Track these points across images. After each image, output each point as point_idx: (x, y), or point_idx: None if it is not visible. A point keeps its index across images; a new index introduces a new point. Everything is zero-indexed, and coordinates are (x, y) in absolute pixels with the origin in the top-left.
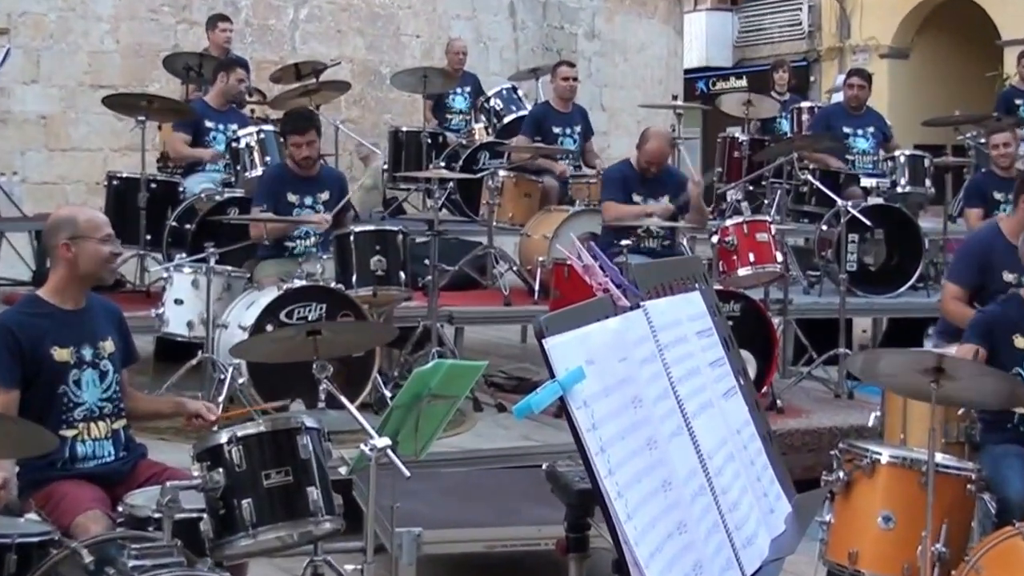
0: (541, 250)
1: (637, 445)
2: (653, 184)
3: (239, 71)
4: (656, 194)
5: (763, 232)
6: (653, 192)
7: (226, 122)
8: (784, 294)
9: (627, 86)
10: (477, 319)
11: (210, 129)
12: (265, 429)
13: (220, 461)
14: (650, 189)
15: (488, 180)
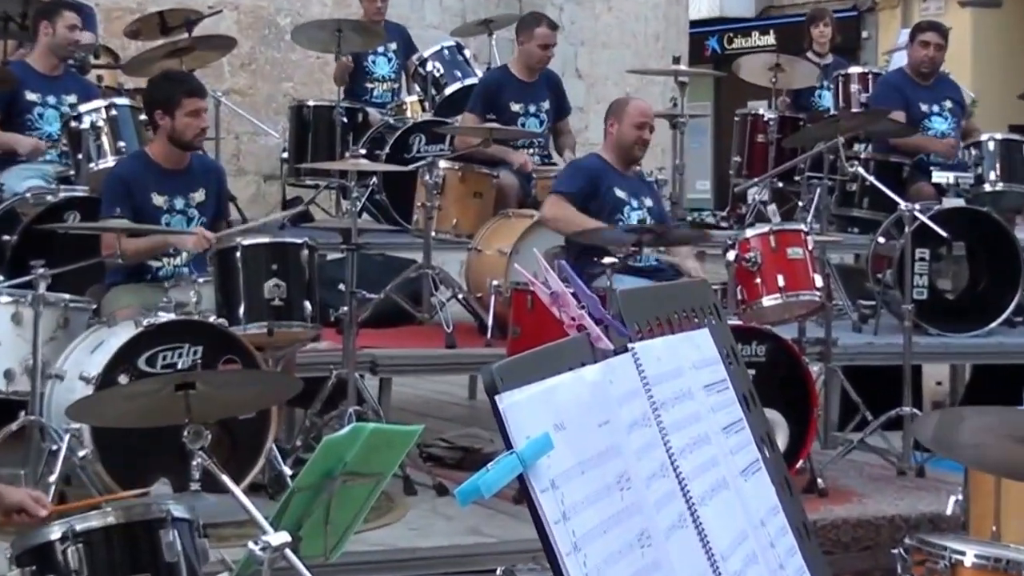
0: (496, 271)
1: (624, 542)
2: (634, 182)
3: (68, 16)
4: (640, 195)
5: (797, 246)
6: (636, 192)
7: (59, 92)
8: (826, 332)
9: (612, 45)
10: (410, 367)
11: (34, 103)
12: (115, 521)
13: (51, 566)
14: (632, 188)
15: (424, 174)
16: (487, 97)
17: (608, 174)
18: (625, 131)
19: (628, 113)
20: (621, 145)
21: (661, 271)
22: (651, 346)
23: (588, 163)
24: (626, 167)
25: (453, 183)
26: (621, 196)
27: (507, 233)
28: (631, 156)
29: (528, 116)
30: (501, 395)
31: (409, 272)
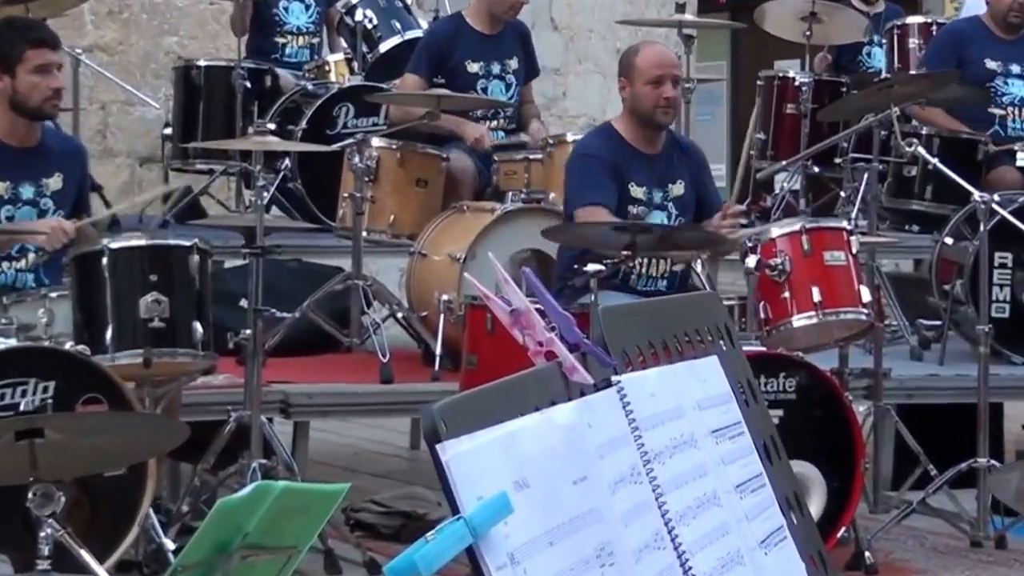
0: (446, 282)
1: None
2: (660, 163)
3: None
4: (666, 180)
5: (838, 249)
6: (661, 176)
7: None
8: (876, 361)
9: None
10: (333, 408)
11: None
12: None
13: None
14: (657, 170)
15: (352, 156)
16: (435, 55)
17: (626, 159)
18: (639, 92)
19: (637, 67)
20: (637, 112)
21: (658, 290)
22: (642, 379)
23: (600, 149)
24: (651, 141)
25: (390, 167)
26: (637, 193)
27: (460, 233)
28: (653, 124)
29: (490, 79)
30: (445, 444)
31: (333, 284)
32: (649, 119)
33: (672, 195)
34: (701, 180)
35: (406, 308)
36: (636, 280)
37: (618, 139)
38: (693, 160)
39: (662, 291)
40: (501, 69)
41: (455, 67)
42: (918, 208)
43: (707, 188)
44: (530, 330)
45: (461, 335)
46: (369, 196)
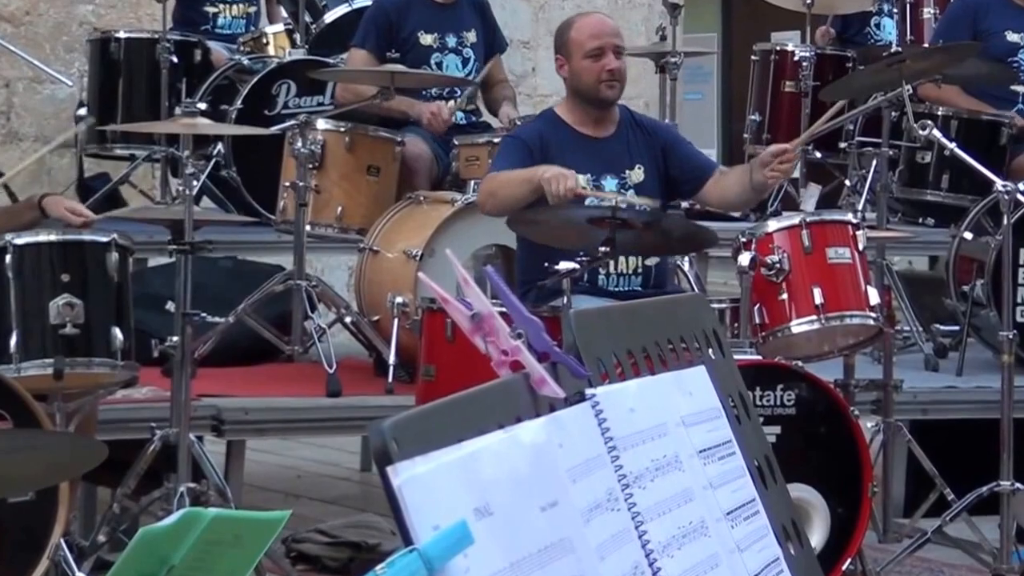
0: (400, 282)
1: None
2: (610, 147)
3: None
4: (619, 166)
5: (842, 245)
6: (612, 162)
7: None
8: (886, 371)
9: None
10: (273, 425)
11: None
12: None
13: None
14: (607, 155)
15: (295, 140)
16: (384, 26)
17: (564, 145)
18: (577, 68)
19: (573, 40)
20: (580, 90)
21: (636, 292)
22: (620, 392)
23: (529, 132)
24: (599, 123)
25: (337, 153)
26: (581, 182)
27: (416, 227)
28: (599, 101)
29: (445, 53)
30: (397, 466)
31: (272, 284)
32: (594, 96)
33: (630, 182)
34: (673, 158)
35: (355, 312)
36: (605, 279)
37: (559, 124)
38: (655, 140)
39: (637, 291)
40: (458, 42)
41: (406, 39)
42: (933, 199)
43: (687, 160)
44: (493, 337)
45: (417, 343)
46: (313, 185)
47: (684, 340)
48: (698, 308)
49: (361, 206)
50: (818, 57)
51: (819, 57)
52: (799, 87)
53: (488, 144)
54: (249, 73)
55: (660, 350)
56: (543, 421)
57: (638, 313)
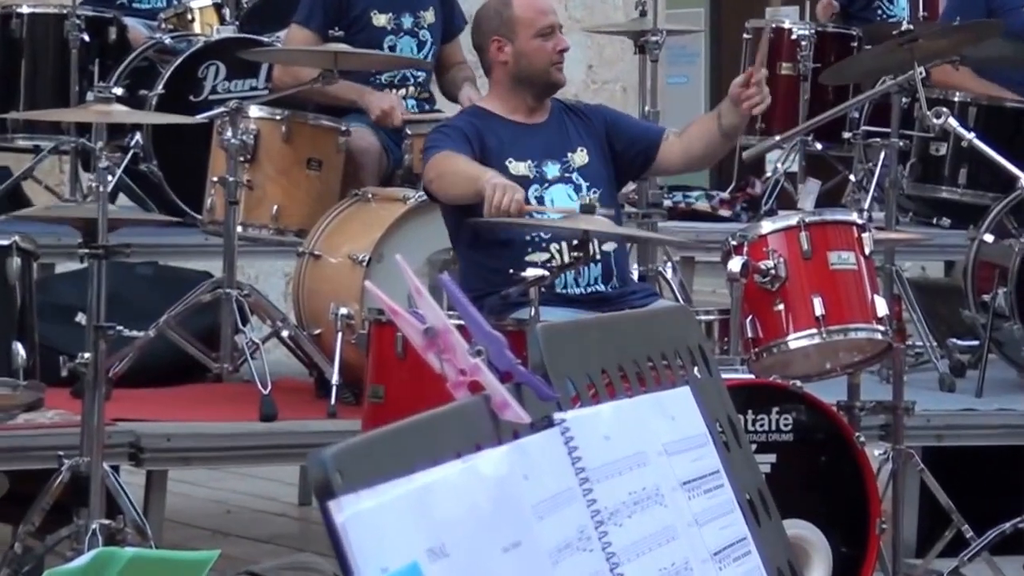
0: (345, 291)
1: None
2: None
3: None
4: (560, 150)
5: (846, 249)
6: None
7: None
8: (895, 392)
9: None
10: (199, 453)
11: None
12: None
13: None
14: (545, 139)
15: (224, 130)
16: (331, 3)
17: (499, 134)
18: (526, 48)
19: (518, 19)
20: (525, 75)
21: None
22: (594, 417)
23: (462, 122)
24: (533, 111)
25: (273, 144)
26: (520, 170)
27: (363, 228)
28: (548, 86)
29: (400, 35)
30: (340, 500)
31: (198, 294)
32: (543, 81)
33: (575, 165)
34: (616, 134)
35: (293, 325)
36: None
37: (487, 116)
38: (594, 122)
39: (601, 291)
40: (414, 23)
41: (357, 19)
42: (949, 196)
43: (630, 131)
44: (449, 355)
45: (364, 360)
46: (245, 181)
47: (666, 357)
48: (682, 321)
49: (300, 204)
50: (819, 35)
51: (820, 35)
52: (797, 69)
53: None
54: (172, 53)
55: (639, 369)
56: (506, 450)
57: (614, 327)
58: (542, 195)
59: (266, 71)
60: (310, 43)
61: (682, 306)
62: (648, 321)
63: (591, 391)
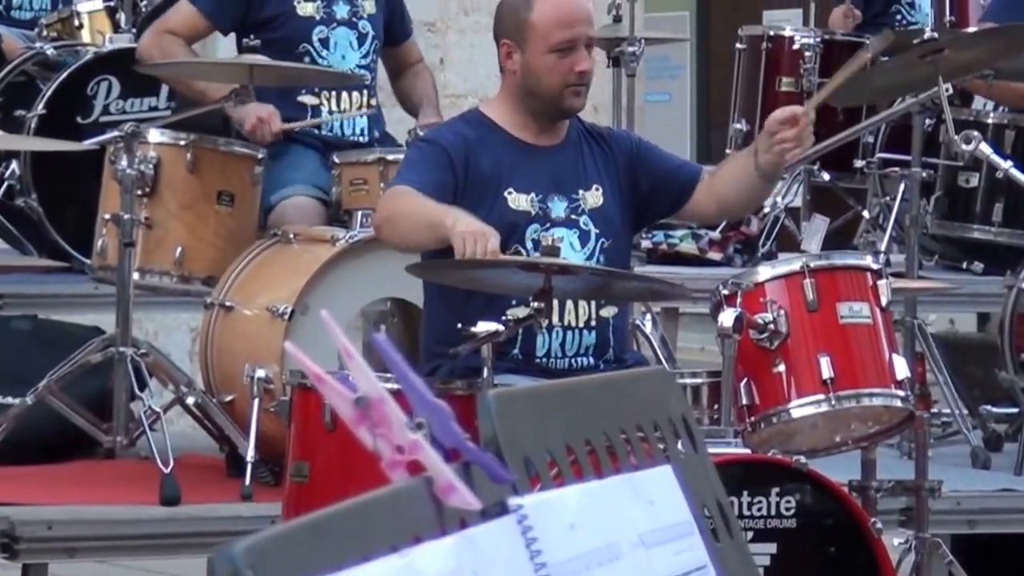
0: (262, 349)
1: None
2: (560, 159)
3: None
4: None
5: (858, 299)
6: (563, 179)
7: None
8: (918, 469)
9: None
10: (86, 542)
11: None
12: None
13: None
14: (555, 169)
15: (119, 158)
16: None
17: (498, 153)
18: (536, 64)
19: (533, 24)
20: (533, 94)
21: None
22: (556, 502)
23: (450, 134)
24: (545, 130)
25: (176, 175)
26: (520, 204)
27: (284, 274)
28: (558, 112)
29: (333, 26)
30: None
31: (87, 353)
32: (553, 104)
33: (586, 206)
34: (644, 170)
35: (200, 390)
36: (544, 342)
37: (488, 127)
38: (617, 153)
39: (593, 369)
40: (351, 11)
41: (278, 8)
42: (982, 236)
43: (662, 167)
44: (385, 428)
45: (285, 432)
46: (144, 218)
47: (643, 430)
48: (661, 386)
49: (209, 246)
50: (825, 45)
51: (827, 45)
52: (800, 85)
53: (379, 163)
54: (55, 67)
55: (610, 444)
56: (451, 542)
57: (581, 394)
58: (538, 239)
59: (168, 87)
60: (193, 28)
61: (661, 369)
62: (621, 387)
63: (553, 471)
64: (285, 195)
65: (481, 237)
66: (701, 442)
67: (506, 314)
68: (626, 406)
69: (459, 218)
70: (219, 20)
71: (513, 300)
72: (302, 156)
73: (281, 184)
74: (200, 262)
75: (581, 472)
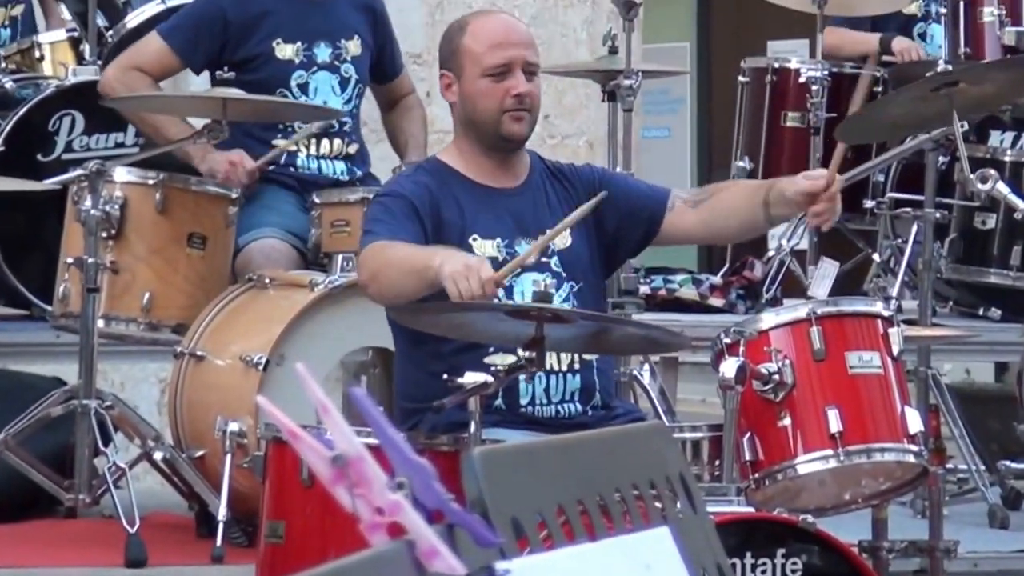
0: (235, 402)
1: None
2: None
3: None
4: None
5: (869, 348)
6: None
7: None
8: (933, 530)
9: None
10: None
11: None
12: None
13: None
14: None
15: (82, 199)
16: (216, 27)
17: (460, 201)
18: (471, 91)
19: (467, 50)
20: (472, 122)
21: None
22: (547, 567)
23: (411, 185)
24: (503, 170)
25: (145, 216)
26: (486, 250)
27: (259, 322)
28: (498, 139)
29: (314, 70)
30: None
31: (47, 405)
32: (492, 132)
33: (554, 247)
34: (610, 207)
35: (169, 445)
36: (527, 389)
37: (447, 174)
38: (579, 189)
39: (579, 418)
40: (334, 54)
41: (253, 49)
42: (1000, 281)
43: (628, 203)
44: (364, 489)
45: (259, 489)
46: (109, 263)
47: (638, 489)
48: (659, 443)
49: (179, 292)
50: (833, 78)
51: (835, 78)
52: (807, 120)
53: (363, 203)
54: (13, 101)
55: (604, 504)
56: None
57: (573, 452)
58: (511, 283)
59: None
60: (163, 66)
61: (658, 424)
62: (616, 443)
63: (543, 533)
64: (252, 237)
65: (472, 273)
66: (700, 501)
67: (495, 364)
68: (621, 464)
69: (446, 258)
70: (191, 58)
71: (491, 348)
72: (276, 197)
73: (250, 226)
74: (169, 309)
75: (573, 534)
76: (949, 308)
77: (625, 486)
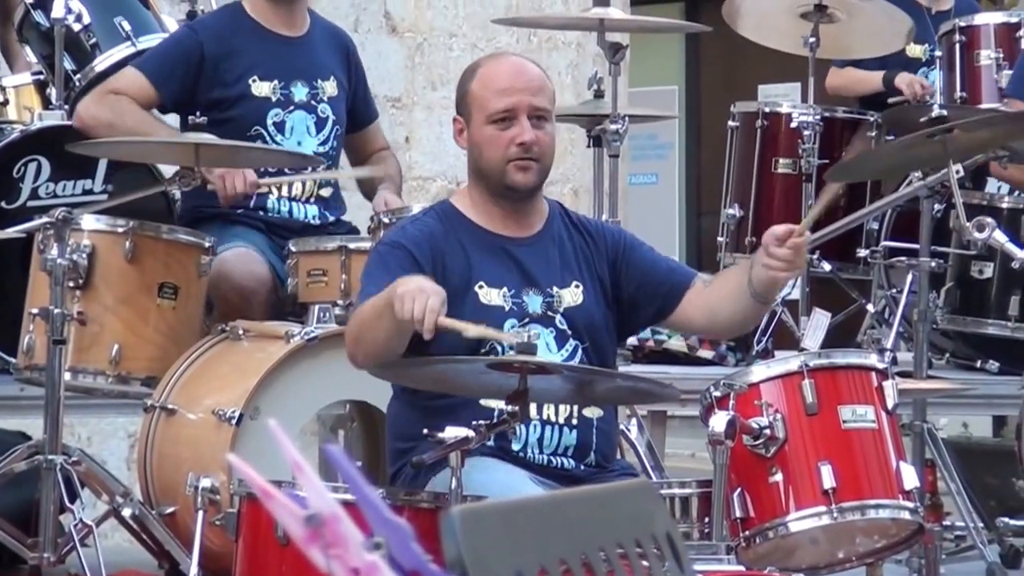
0: (207, 458)
1: None
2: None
3: None
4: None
5: (862, 402)
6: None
7: None
8: None
9: None
10: None
11: None
12: None
13: None
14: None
15: (48, 246)
16: (192, 62)
17: (469, 249)
18: (478, 138)
19: (474, 95)
20: (479, 170)
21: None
22: None
23: (414, 234)
24: (517, 219)
25: (113, 265)
26: (493, 299)
27: (233, 375)
28: (504, 189)
29: (290, 109)
30: None
31: (11, 460)
32: (497, 181)
33: (562, 304)
34: (629, 271)
35: (138, 501)
36: (520, 439)
37: (458, 220)
38: (601, 248)
39: (570, 472)
40: (310, 94)
41: (229, 88)
42: (997, 332)
43: (650, 271)
44: (339, 548)
45: (232, 547)
46: (76, 313)
47: (623, 548)
48: (645, 501)
49: (149, 344)
50: (826, 123)
51: (827, 123)
52: (798, 167)
53: (341, 252)
54: None
55: (588, 564)
56: None
57: (557, 509)
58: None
59: (107, 169)
60: (142, 91)
61: (644, 482)
62: (601, 501)
63: None
64: (226, 247)
65: (421, 296)
66: (687, 561)
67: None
68: (606, 522)
69: (403, 281)
70: (165, 88)
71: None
72: (245, 235)
73: (221, 243)
74: (139, 361)
75: None
76: (945, 360)
77: (610, 545)
